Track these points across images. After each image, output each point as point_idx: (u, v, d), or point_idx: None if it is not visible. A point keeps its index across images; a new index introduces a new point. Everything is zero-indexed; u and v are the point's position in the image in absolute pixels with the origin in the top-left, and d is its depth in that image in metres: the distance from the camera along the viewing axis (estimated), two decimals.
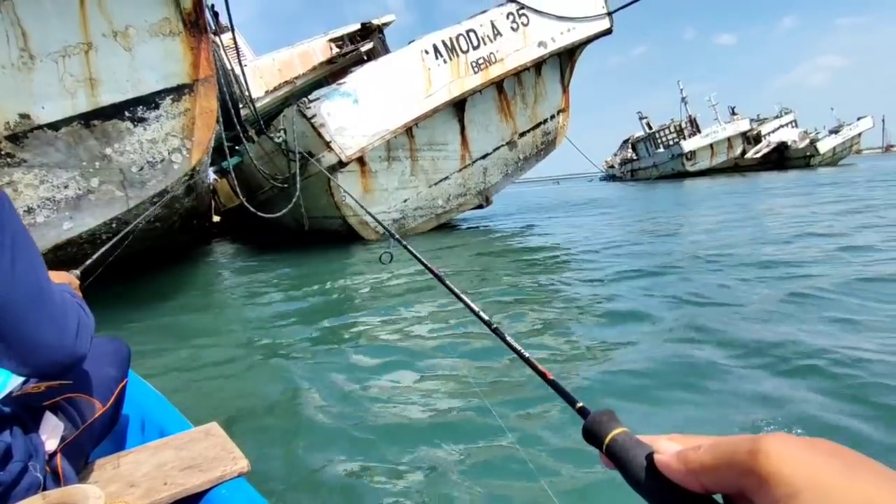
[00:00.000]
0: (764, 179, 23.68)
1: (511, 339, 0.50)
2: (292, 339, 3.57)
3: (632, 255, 5.94)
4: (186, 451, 1.22)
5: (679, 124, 38.10)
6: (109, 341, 1.37)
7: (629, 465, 0.31)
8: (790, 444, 0.24)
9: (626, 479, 0.31)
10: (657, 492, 0.29)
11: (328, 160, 8.07)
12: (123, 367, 1.33)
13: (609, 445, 0.32)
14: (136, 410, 1.51)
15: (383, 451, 1.93)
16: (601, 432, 0.33)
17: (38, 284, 0.92)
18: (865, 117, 40.87)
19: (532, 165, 11.21)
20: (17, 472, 0.89)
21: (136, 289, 5.87)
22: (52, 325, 0.92)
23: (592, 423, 0.34)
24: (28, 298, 0.89)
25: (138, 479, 1.11)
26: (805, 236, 6.26)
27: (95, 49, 4.00)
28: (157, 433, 1.41)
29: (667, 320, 3.29)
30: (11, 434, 0.92)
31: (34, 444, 0.97)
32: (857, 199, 10.54)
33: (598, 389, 2.34)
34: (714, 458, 0.26)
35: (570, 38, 9.52)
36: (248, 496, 1.11)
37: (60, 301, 0.96)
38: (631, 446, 0.31)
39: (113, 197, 4.26)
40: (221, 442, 1.25)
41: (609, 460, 0.32)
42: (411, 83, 8.32)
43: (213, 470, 1.12)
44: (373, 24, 12.66)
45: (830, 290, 3.64)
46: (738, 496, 0.26)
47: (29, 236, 0.93)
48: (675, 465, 0.28)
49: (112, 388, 1.24)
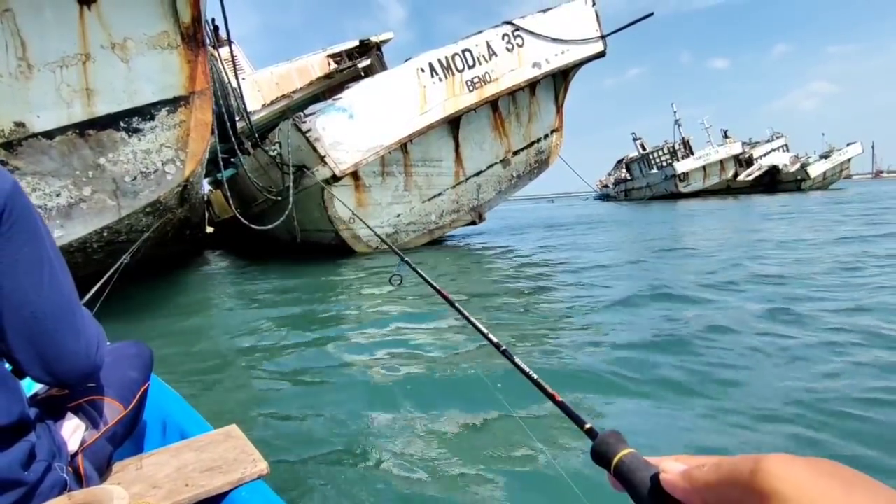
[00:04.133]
0: (755, 202, 23.95)
1: (519, 360, 0.51)
2: (304, 344, 3.63)
3: (624, 275, 6.00)
4: (207, 453, 1.22)
5: (672, 146, 38.56)
6: (132, 345, 1.38)
7: (636, 486, 0.31)
8: (790, 464, 0.24)
9: (633, 498, 0.32)
10: None
11: (322, 174, 8.12)
12: (146, 370, 1.35)
13: (617, 466, 0.33)
14: (157, 413, 1.51)
15: (401, 454, 1.96)
16: (609, 454, 0.34)
17: (70, 297, 0.96)
18: (855, 143, 41.53)
19: (525, 183, 11.32)
20: (41, 472, 0.90)
21: (131, 297, 5.86)
22: (78, 337, 0.96)
23: (600, 444, 0.35)
24: (61, 309, 0.93)
25: (160, 480, 1.12)
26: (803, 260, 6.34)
27: (93, 60, 4.05)
28: (177, 435, 1.41)
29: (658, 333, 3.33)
30: (36, 434, 0.93)
31: (57, 445, 0.98)
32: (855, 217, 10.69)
33: (600, 408, 2.37)
34: (717, 477, 0.27)
35: (565, 59, 9.70)
36: (268, 498, 1.11)
37: (85, 313, 1.02)
38: (637, 467, 0.32)
39: (105, 206, 4.28)
40: (241, 444, 1.25)
41: (617, 481, 0.33)
42: (407, 100, 8.42)
43: (233, 472, 1.13)
44: (371, 41, 12.85)
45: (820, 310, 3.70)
46: None
47: (58, 249, 0.97)
48: (681, 483, 0.29)
49: (134, 390, 1.25)
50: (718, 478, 0.27)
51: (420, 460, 1.93)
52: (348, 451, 2.02)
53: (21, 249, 0.88)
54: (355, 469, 1.88)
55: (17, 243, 0.88)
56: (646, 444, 2.03)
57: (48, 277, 0.91)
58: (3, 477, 0.84)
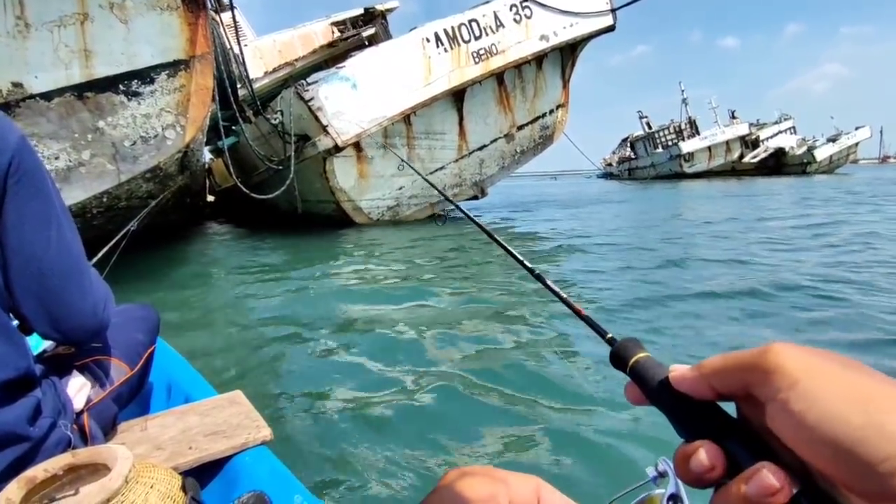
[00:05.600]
0: (760, 185, 23.81)
1: (550, 282, 0.56)
2: (309, 316, 3.63)
3: (623, 248, 5.99)
4: (211, 417, 1.23)
5: (678, 125, 38.13)
6: (140, 307, 1.38)
7: (649, 382, 0.33)
8: (795, 347, 0.26)
9: (646, 396, 0.33)
10: (672, 402, 0.31)
11: (324, 144, 8.04)
12: (152, 333, 1.35)
13: (633, 367, 0.35)
14: (163, 376, 1.52)
15: (403, 423, 1.99)
16: (626, 356, 0.35)
17: (78, 255, 0.97)
18: (863, 127, 41.04)
19: (529, 159, 11.22)
20: (46, 428, 0.90)
21: (131, 264, 5.88)
22: (86, 295, 0.96)
23: (619, 348, 0.36)
24: (68, 267, 0.93)
25: (164, 442, 1.13)
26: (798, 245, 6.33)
27: (91, 20, 3.96)
28: (182, 399, 1.42)
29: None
30: (42, 391, 0.94)
31: (63, 402, 0.98)
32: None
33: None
34: (725, 362, 0.29)
35: (573, 32, 9.50)
36: (271, 464, 1.12)
37: (93, 273, 1.02)
38: (652, 367, 0.34)
39: (104, 170, 4.24)
40: (245, 410, 1.26)
41: (633, 384, 0.34)
42: (411, 71, 8.28)
43: (236, 437, 1.13)
44: (376, 10, 12.56)
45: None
46: (744, 398, 0.28)
47: (67, 209, 0.97)
48: (689, 374, 0.30)
49: (140, 352, 1.26)
50: (725, 363, 0.29)
51: (428, 428, 1.95)
52: (352, 420, 2.03)
53: (28, 204, 0.87)
54: (358, 438, 1.89)
55: (24, 198, 0.87)
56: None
57: (56, 235, 0.91)
58: (8, 430, 0.84)
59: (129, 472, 0.80)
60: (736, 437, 0.28)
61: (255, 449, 1.13)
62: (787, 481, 0.25)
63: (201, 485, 1.05)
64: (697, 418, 0.30)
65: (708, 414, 0.30)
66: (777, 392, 0.25)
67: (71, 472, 0.82)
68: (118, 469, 0.79)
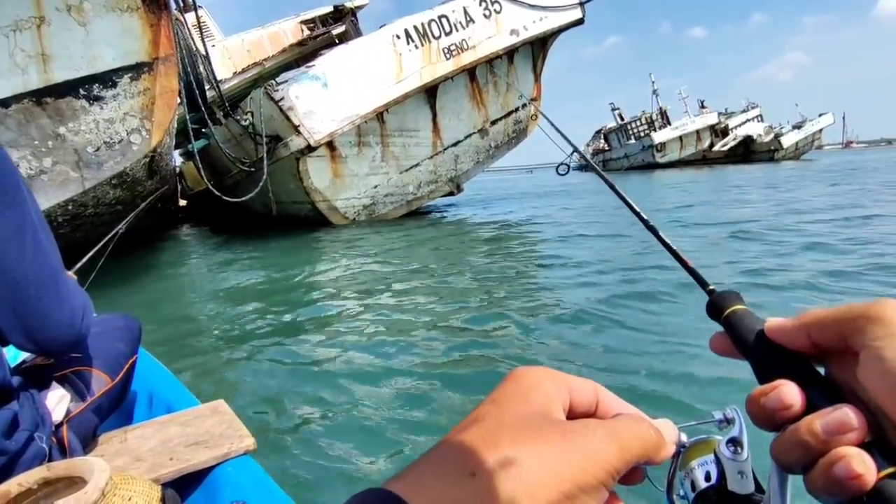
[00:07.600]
0: (730, 172, 24.30)
1: (663, 234, 0.57)
2: (290, 321, 3.60)
3: (600, 238, 6.07)
4: (193, 427, 1.21)
5: (650, 116, 38.70)
6: (121, 317, 1.36)
7: (742, 332, 0.33)
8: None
9: (738, 348, 0.33)
10: (764, 350, 0.31)
11: (296, 144, 7.95)
12: (134, 343, 1.33)
13: (728, 316, 0.34)
14: (145, 386, 1.49)
15: (389, 430, 1.96)
16: (724, 306, 0.35)
17: (55, 265, 0.94)
18: (826, 114, 42.24)
19: (503, 153, 11.27)
20: (23, 441, 0.88)
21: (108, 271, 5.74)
22: (63, 306, 0.94)
23: (718, 297, 0.36)
24: (45, 277, 0.91)
25: (144, 453, 1.11)
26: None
27: (48, 23, 3.84)
28: (164, 409, 1.39)
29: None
30: (19, 403, 0.92)
31: (41, 415, 0.96)
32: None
33: None
34: (828, 311, 0.29)
35: (543, 26, 9.56)
36: (254, 474, 1.10)
37: (71, 282, 1.00)
38: (747, 317, 0.33)
39: (67, 178, 4.13)
40: (228, 419, 1.24)
41: (726, 333, 0.34)
42: (382, 68, 8.24)
43: (219, 447, 1.11)
44: (346, 7, 12.45)
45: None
46: (837, 356, 0.28)
47: (44, 217, 0.95)
48: (788, 324, 0.30)
49: (122, 363, 1.24)
50: (828, 313, 0.28)
51: (407, 423, 1.95)
52: (336, 428, 2.01)
53: (2, 214, 0.85)
54: (341, 446, 1.87)
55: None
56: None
57: (31, 244, 0.89)
58: None
59: (105, 485, 0.79)
60: (819, 385, 0.28)
61: (238, 459, 1.11)
62: (863, 424, 0.25)
63: (183, 496, 1.04)
64: (786, 364, 0.30)
65: (797, 361, 0.30)
66: (874, 339, 0.25)
67: (47, 485, 0.81)
68: (94, 482, 0.78)
